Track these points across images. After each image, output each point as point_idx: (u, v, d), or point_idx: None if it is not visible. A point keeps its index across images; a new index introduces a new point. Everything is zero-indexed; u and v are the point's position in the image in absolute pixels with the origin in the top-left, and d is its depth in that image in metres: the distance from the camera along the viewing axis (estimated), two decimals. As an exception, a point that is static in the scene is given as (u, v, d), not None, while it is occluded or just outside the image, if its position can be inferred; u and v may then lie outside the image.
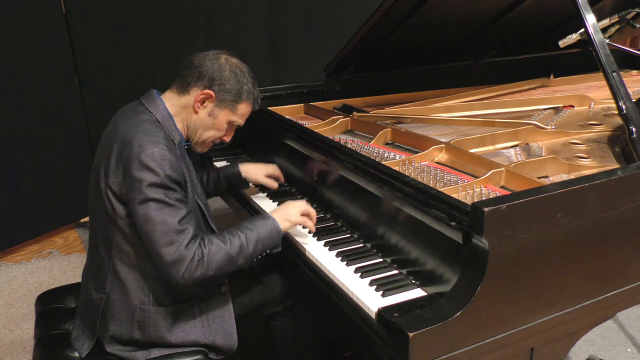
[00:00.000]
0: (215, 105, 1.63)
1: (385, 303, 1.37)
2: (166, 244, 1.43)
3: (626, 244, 1.50)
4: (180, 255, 1.44)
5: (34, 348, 1.69)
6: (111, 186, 1.49)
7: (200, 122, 1.64)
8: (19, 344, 2.56)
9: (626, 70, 2.96)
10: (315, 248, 1.68)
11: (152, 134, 1.50)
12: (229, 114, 1.66)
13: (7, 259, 3.29)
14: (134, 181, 1.44)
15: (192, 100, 1.61)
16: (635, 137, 1.59)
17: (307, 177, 2.00)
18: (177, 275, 1.44)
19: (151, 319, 1.57)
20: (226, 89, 1.61)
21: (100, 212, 1.55)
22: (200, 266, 1.46)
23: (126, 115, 1.59)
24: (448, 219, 1.33)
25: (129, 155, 1.45)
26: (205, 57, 1.62)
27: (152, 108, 1.59)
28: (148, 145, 1.45)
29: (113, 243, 1.55)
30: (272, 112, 2.34)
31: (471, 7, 2.34)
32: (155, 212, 1.44)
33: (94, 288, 1.63)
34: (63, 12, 3.24)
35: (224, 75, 1.61)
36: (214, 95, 1.61)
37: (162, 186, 1.45)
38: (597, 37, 1.68)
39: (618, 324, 2.64)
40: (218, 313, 1.64)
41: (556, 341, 1.47)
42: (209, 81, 1.60)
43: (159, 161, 1.44)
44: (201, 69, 1.60)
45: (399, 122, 2.22)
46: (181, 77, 1.62)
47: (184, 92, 1.62)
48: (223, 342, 1.64)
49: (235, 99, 1.64)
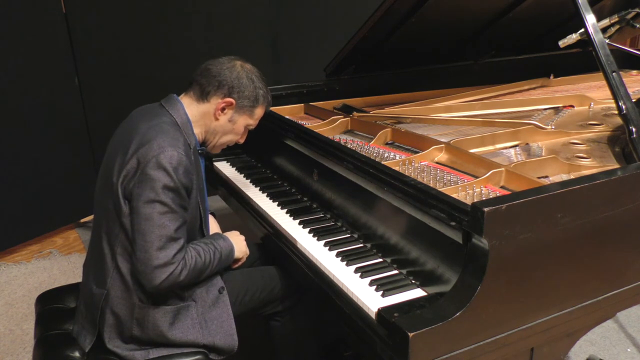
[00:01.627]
0: (235, 111, 1.69)
1: (385, 303, 1.37)
2: (158, 248, 1.47)
3: (626, 244, 1.51)
4: (167, 263, 1.48)
5: (34, 348, 1.69)
6: (122, 181, 1.51)
7: (220, 128, 1.70)
8: (19, 344, 2.56)
9: (626, 70, 2.96)
10: (315, 248, 1.68)
11: (173, 137, 1.54)
12: (247, 119, 1.73)
13: (7, 259, 3.29)
14: (146, 179, 1.47)
15: (213, 108, 1.66)
16: (635, 137, 1.59)
17: (307, 177, 2.00)
18: (157, 279, 1.48)
19: (150, 317, 1.57)
20: (245, 95, 1.67)
21: (108, 207, 1.57)
22: (180, 276, 1.51)
23: (146, 116, 1.62)
24: (448, 219, 1.33)
25: (146, 153, 1.49)
26: (222, 64, 1.67)
27: (173, 112, 1.63)
28: (169, 148, 1.49)
29: (117, 239, 1.56)
30: (272, 112, 2.33)
31: (471, 7, 2.34)
32: (159, 214, 1.47)
33: (94, 283, 1.64)
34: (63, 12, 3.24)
35: (243, 82, 1.67)
36: (235, 102, 1.66)
37: (172, 190, 1.49)
38: (597, 37, 1.68)
39: (618, 324, 2.64)
40: (216, 314, 1.64)
41: (556, 341, 1.47)
42: (229, 89, 1.65)
43: (175, 165, 1.49)
44: (220, 78, 1.65)
45: (399, 122, 2.22)
46: (199, 86, 1.66)
47: (203, 100, 1.66)
48: (223, 343, 1.64)
49: (253, 104, 1.70)
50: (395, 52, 2.50)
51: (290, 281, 1.86)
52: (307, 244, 1.71)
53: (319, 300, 1.63)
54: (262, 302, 1.83)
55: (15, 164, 3.21)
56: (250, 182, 2.22)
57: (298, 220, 1.85)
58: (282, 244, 1.81)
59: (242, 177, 2.28)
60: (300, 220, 1.85)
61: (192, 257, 1.55)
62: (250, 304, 1.80)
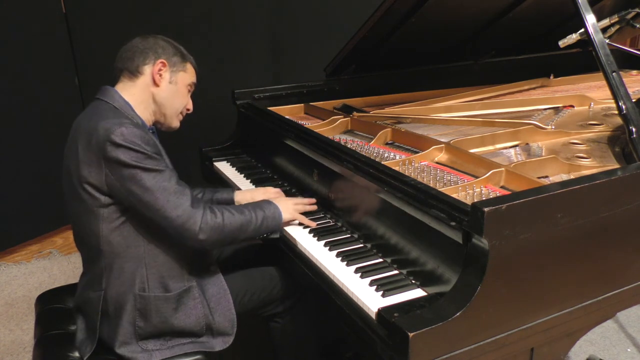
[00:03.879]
0: (170, 71, 1.71)
1: (385, 303, 1.37)
2: (172, 207, 1.50)
3: (626, 244, 1.50)
4: (189, 214, 1.51)
5: (34, 348, 1.69)
6: (87, 179, 1.51)
7: (164, 93, 1.70)
8: (19, 344, 2.56)
9: (626, 70, 2.96)
10: (315, 248, 1.68)
11: (114, 116, 1.55)
12: (184, 76, 1.74)
13: (7, 259, 3.29)
14: (113, 163, 1.48)
15: (149, 78, 1.68)
16: (635, 137, 1.58)
17: (307, 177, 2.00)
18: (193, 232, 1.52)
19: (152, 305, 1.58)
20: (171, 53, 1.71)
21: (81, 210, 1.57)
22: (213, 219, 1.55)
23: (84, 114, 1.64)
24: (448, 219, 1.33)
25: (97, 141, 1.48)
26: (136, 43, 1.71)
27: (107, 98, 1.64)
28: (114, 127, 1.48)
29: (100, 238, 1.56)
30: (272, 112, 2.34)
31: (471, 7, 2.34)
32: (150, 181, 1.49)
33: (90, 289, 1.64)
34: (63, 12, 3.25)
35: (162, 44, 1.71)
36: (166, 61, 1.69)
37: (145, 156, 1.49)
38: (597, 37, 1.68)
39: (618, 324, 2.64)
40: (215, 291, 1.67)
41: (556, 341, 1.47)
42: (154, 54, 1.68)
43: (130, 138, 1.48)
44: (141, 49, 1.68)
45: (399, 122, 2.22)
46: (126, 68, 1.68)
47: (136, 75, 1.68)
48: (223, 319, 1.65)
49: (182, 60, 1.73)
50: (395, 52, 2.50)
51: (290, 281, 1.86)
52: (307, 244, 1.71)
53: (319, 301, 1.63)
54: (262, 303, 1.83)
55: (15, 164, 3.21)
56: (251, 182, 2.22)
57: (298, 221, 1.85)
58: (282, 244, 1.81)
59: (242, 177, 2.28)
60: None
61: (221, 209, 1.59)
62: (250, 304, 1.80)
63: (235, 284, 1.76)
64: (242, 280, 1.80)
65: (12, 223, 3.27)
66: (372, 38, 2.30)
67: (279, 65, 3.96)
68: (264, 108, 2.37)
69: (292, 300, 1.88)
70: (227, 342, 1.67)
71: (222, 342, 1.66)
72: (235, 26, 3.75)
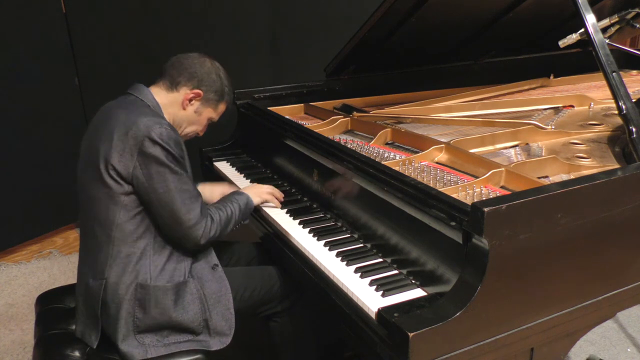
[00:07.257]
0: (201, 103, 1.80)
1: (385, 303, 1.37)
2: (187, 211, 1.60)
3: (626, 244, 1.50)
4: (198, 219, 1.62)
5: (34, 348, 1.69)
6: (116, 167, 1.57)
7: (186, 118, 1.80)
8: (19, 344, 2.56)
9: (626, 70, 2.96)
10: (315, 248, 1.68)
11: (154, 115, 1.63)
12: (211, 112, 1.84)
13: (7, 259, 3.29)
14: (147, 157, 1.56)
15: (181, 98, 1.76)
16: (635, 137, 1.58)
17: (307, 177, 2.00)
18: (197, 237, 1.63)
19: (152, 296, 1.60)
20: (212, 90, 1.79)
21: (100, 195, 1.61)
22: (212, 229, 1.66)
23: (118, 104, 1.69)
24: (448, 219, 1.33)
25: (136, 135, 1.55)
26: (194, 59, 1.79)
27: (142, 97, 1.71)
28: (155, 126, 1.57)
29: (114, 224, 1.60)
30: (272, 112, 2.34)
31: (471, 7, 2.34)
32: (174, 183, 1.58)
33: (91, 277, 1.65)
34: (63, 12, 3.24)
35: (212, 77, 1.79)
36: (202, 94, 1.77)
37: (174, 159, 1.59)
38: (597, 37, 1.68)
39: (618, 324, 2.64)
40: (215, 289, 1.68)
41: (556, 341, 1.47)
42: (198, 82, 1.76)
43: (167, 140, 1.57)
44: (191, 70, 1.76)
45: (399, 122, 2.22)
46: (170, 76, 1.76)
47: (172, 89, 1.76)
48: (221, 318, 1.66)
49: (218, 99, 1.83)
50: (395, 52, 2.50)
51: (290, 281, 1.86)
52: (307, 244, 1.71)
53: (319, 301, 1.63)
54: (261, 300, 1.83)
55: (15, 164, 3.21)
56: (251, 182, 2.22)
57: (298, 220, 1.85)
58: (282, 244, 1.81)
59: (242, 177, 2.28)
60: (300, 220, 1.85)
61: (215, 212, 1.70)
62: (250, 300, 1.80)
63: (236, 280, 1.76)
64: (242, 277, 1.81)
65: (12, 223, 3.27)
66: (372, 38, 2.30)
67: (279, 66, 3.96)
68: (264, 108, 2.37)
69: (292, 299, 1.88)
70: (224, 343, 1.67)
71: (219, 342, 1.66)
72: (235, 26, 3.75)
